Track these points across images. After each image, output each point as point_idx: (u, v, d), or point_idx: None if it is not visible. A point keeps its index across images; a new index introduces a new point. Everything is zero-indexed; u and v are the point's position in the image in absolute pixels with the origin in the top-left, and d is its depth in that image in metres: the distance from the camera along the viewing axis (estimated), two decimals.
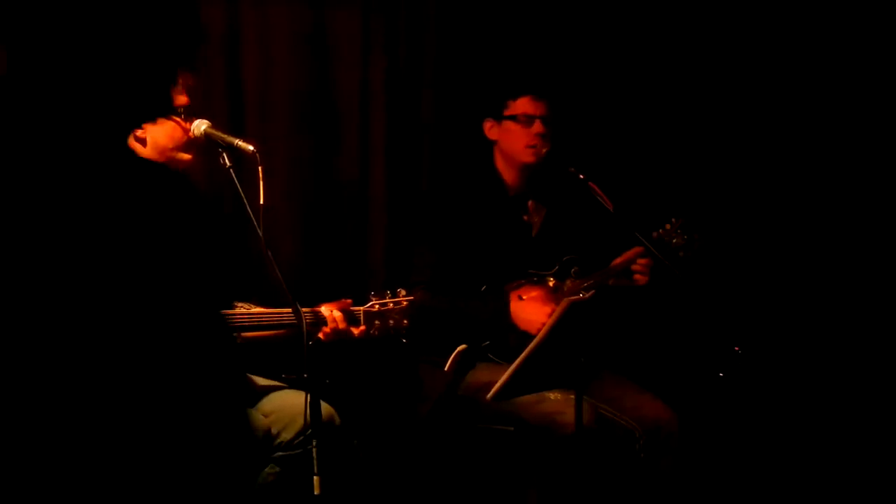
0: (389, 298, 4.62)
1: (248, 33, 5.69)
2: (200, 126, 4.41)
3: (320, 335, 4.46)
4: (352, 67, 5.90)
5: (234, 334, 4.57)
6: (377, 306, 4.60)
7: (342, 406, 4.50)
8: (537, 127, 5.21)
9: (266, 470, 4.32)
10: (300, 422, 4.29)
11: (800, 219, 6.17)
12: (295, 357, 4.05)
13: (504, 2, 6.16)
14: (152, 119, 3.67)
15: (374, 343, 4.84)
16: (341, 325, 4.49)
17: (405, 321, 4.63)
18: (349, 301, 4.55)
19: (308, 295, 4.44)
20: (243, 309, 4.61)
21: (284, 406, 4.41)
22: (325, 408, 4.31)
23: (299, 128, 5.79)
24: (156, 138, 4.44)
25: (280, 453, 4.35)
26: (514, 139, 5.24)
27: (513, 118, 5.24)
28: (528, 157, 5.23)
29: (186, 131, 4.44)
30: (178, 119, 4.43)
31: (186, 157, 4.49)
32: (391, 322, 4.61)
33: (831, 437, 5.91)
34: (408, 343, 4.78)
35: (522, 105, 5.25)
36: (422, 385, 5.15)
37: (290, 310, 4.16)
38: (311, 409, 3.94)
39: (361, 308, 4.58)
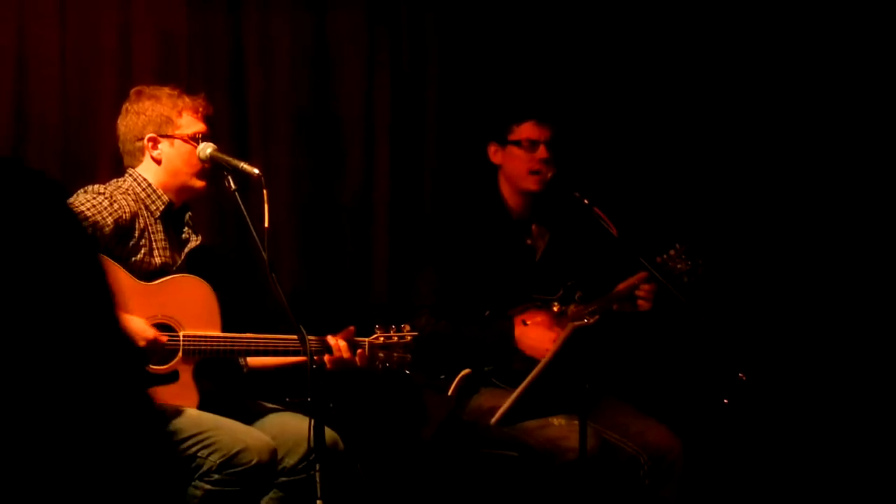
0: (394, 332, 4.63)
1: (250, 52, 5.70)
2: (206, 149, 4.44)
3: (327, 364, 4.46)
4: (355, 89, 5.92)
5: (242, 361, 4.59)
6: (382, 339, 4.62)
7: (345, 430, 4.50)
8: (541, 152, 5.20)
9: (269, 495, 4.32)
10: (304, 447, 4.29)
11: (805, 246, 6.16)
12: (299, 381, 4.05)
13: (509, 25, 6.17)
14: None
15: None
16: (346, 355, 4.50)
17: (409, 356, 4.65)
18: (353, 329, 4.56)
19: (310, 318, 4.44)
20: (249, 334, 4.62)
21: (287, 431, 4.41)
22: (329, 433, 4.30)
23: (302, 148, 5.80)
24: (171, 161, 4.48)
25: (283, 478, 4.34)
26: (518, 164, 5.23)
27: (517, 143, 5.23)
28: (531, 183, 5.22)
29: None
30: (194, 145, 4.46)
31: (200, 184, 4.52)
32: (395, 356, 4.63)
33: (837, 467, 5.89)
34: (411, 375, 4.78)
35: (526, 130, 5.24)
36: (425, 409, 5.14)
37: (295, 336, 4.17)
38: (315, 433, 3.94)
39: (367, 339, 4.59)
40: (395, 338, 4.63)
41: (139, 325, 4.16)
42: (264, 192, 4.10)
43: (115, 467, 1.74)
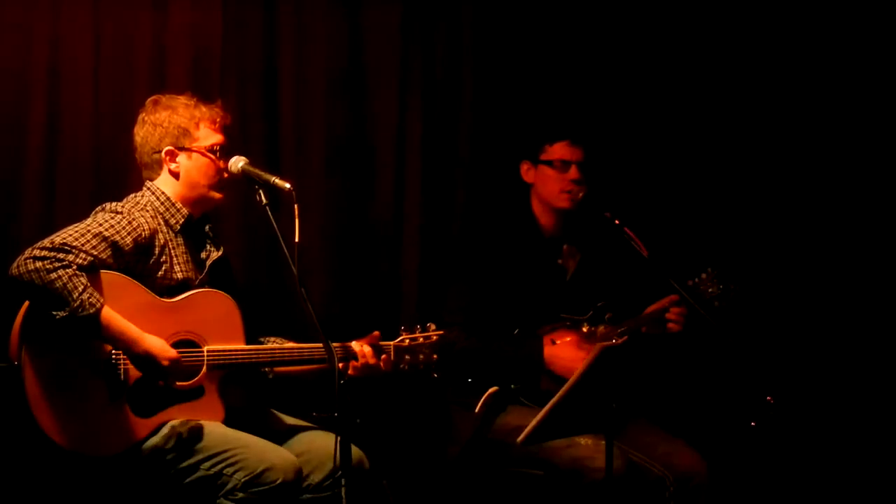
0: (419, 332, 4.62)
1: (284, 70, 5.72)
2: (238, 163, 4.43)
3: (350, 371, 4.45)
4: (388, 109, 5.94)
5: (266, 369, 4.59)
6: (407, 341, 4.60)
7: (372, 446, 4.50)
8: (573, 173, 5.20)
9: None
10: (329, 465, 4.29)
11: (835, 272, 6.14)
12: (326, 396, 4.05)
13: (544, 45, 6.17)
14: None
15: (406, 382, 4.84)
16: (371, 360, 4.49)
17: (435, 356, 4.62)
18: (377, 334, 4.54)
19: (339, 332, 4.45)
20: (276, 344, 4.62)
21: (313, 448, 4.41)
22: (355, 451, 4.28)
23: (334, 166, 5.82)
24: (189, 173, 4.46)
25: (308, 496, 4.34)
26: (550, 184, 5.24)
27: (549, 163, 5.24)
28: (563, 202, 5.22)
29: (220, 170, 4.46)
30: (212, 157, 4.45)
31: (217, 196, 4.51)
32: (421, 356, 4.61)
33: (864, 491, 5.87)
34: (438, 378, 4.78)
35: (559, 150, 5.24)
36: (452, 427, 5.14)
37: (320, 345, 4.15)
38: (342, 451, 3.94)
39: (392, 343, 4.58)
40: (421, 338, 4.61)
41: (160, 346, 4.17)
42: (295, 206, 4.09)
43: None
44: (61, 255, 4.01)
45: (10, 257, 4.05)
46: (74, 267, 4.02)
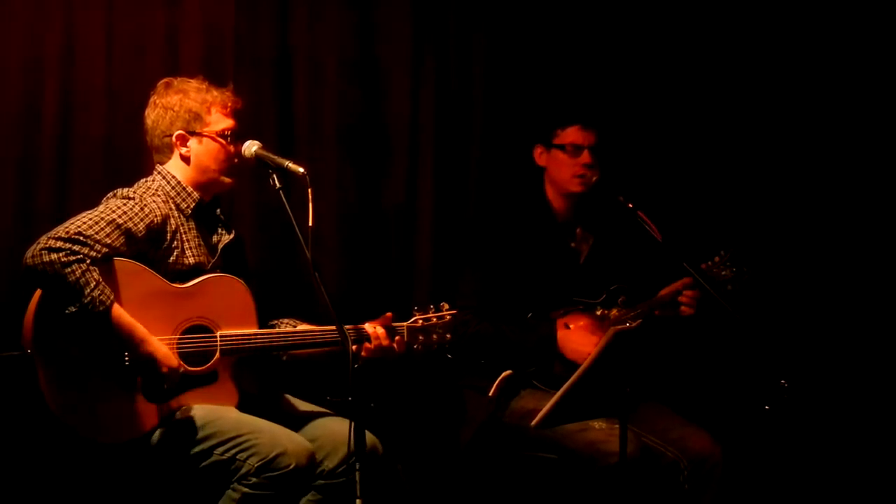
0: (433, 313, 4.61)
1: (298, 55, 5.72)
2: (251, 147, 4.43)
3: (363, 352, 4.45)
4: (401, 93, 5.93)
5: (279, 352, 4.59)
6: (420, 321, 4.59)
7: (385, 430, 4.50)
8: (585, 157, 5.19)
9: (307, 497, 4.32)
10: (343, 450, 4.30)
11: (849, 254, 6.13)
12: (339, 380, 4.05)
13: (556, 28, 6.16)
14: None
15: (419, 366, 4.83)
16: (384, 342, 4.48)
17: (448, 335, 4.62)
18: (390, 315, 4.54)
19: (353, 316, 4.45)
20: (288, 326, 4.62)
21: (327, 433, 4.42)
22: (369, 437, 4.30)
23: (347, 150, 5.81)
24: (200, 158, 4.46)
25: (321, 481, 4.35)
26: (562, 168, 5.23)
27: (561, 147, 5.23)
28: (575, 186, 5.22)
29: (231, 155, 4.46)
30: (223, 142, 4.45)
31: (228, 180, 4.51)
32: (435, 336, 4.60)
33: (878, 474, 5.86)
34: (452, 358, 4.77)
35: (571, 134, 5.23)
36: (465, 411, 5.14)
37: (333, 327, 4.15)
38: (356, 436, 3.94)
39: (405, 324, 4.57)
40: (434, 318, 4.61)
41: (163, 353, 4.16)
42: (309, 190, 4.08)
43: None
44: (76, 248, 4.00)
45: (25, 244, 4.05)
46: (88, 261, 4.01)
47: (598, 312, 5.17)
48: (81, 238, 4.03)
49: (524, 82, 6.12)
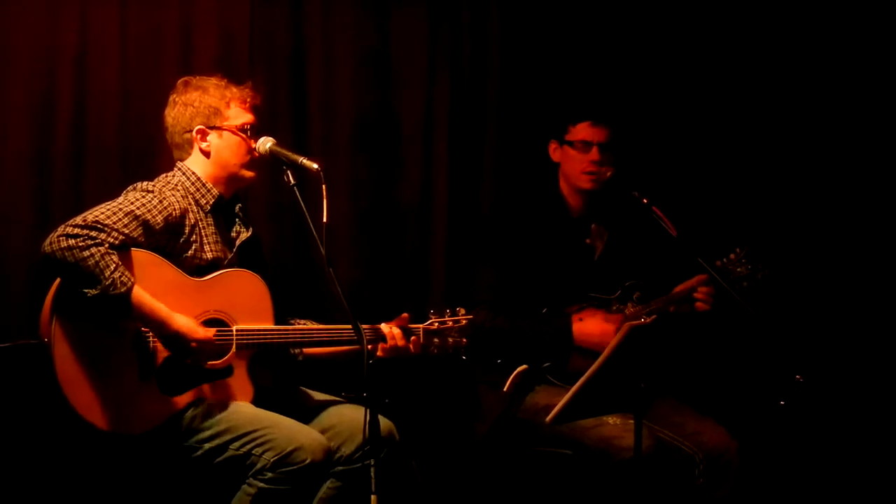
0: (449, 317, 4.63)
1: (313, 51, 5.72)
2: (266, 143, 4.44)
3: (379, 352, 4.46)
4: (416, 89, 5.93)
5: (296, 351, 4.60)
6: (436, 324, 4.61)
7: (400, 425, 4.51)
8: (594, 154, 5.18)
9: (326, 484, 4.33)
10: (359, 437, 4.30)
11: (865, 250, 6.12)
12: (355, 375, 4.06)
13: (570, 24, 6.16)
14: None
15: (434, 361, 4.84)
16: (400, 343, 4.50)
17: (464, 339, 4.64)
18: (406, 316, 4.56)
19: (368, 315, 4.45)
20: (303, 325, 4.63)
21: (344, 420, 4.43)
22: (385, 422, 4.34)
23: (362, 146, 5.82)
24: (220, 152, 4.48)
25: (340, 468, 4.36)
26: (573, 164, 5.23)
27: (571, 144, 5.23)
28: (585, 183, 5.21)
29: (251, 149, 4.47)
30: (243, 136, 4.47)
31: (249, 174, 4.53)
32: (450, 340, 4.62)
33: (894, 470, 5.85)
34: (467, 361, 4.78)
35: (582, 131, 5.22)
36: (480, 406, 5.14)
37: (349, 326, 4.16)
38: (371, 426, 3.95)
39: (421, 326, 4.59)
40: (450, 322, 4.62)
41: (189, 326, 4.18)
42: (323, 186, 4.09)
43: None
44: (94, 234, 4.03)
45: (42, 236, 4.07)
46: (106, 245, 4.03)
47: (614, 308, 5.17)
48: (99, 225, 4.05)
49: (539, 78, 6.12)
